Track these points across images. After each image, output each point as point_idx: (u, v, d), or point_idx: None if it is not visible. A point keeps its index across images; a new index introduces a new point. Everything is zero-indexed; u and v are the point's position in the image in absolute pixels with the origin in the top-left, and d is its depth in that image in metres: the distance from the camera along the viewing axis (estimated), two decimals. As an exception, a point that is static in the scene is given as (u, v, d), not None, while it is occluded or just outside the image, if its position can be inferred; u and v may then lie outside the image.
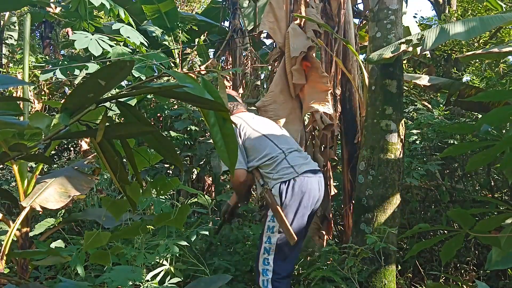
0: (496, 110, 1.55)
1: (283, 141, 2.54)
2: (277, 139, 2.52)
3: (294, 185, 2.34)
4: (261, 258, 2.33)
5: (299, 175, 2.36)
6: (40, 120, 2.23)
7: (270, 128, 2.61)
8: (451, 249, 1.86)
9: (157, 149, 1.27)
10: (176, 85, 1.00)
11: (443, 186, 3.82)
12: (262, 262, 2.32)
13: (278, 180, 2.36)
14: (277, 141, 2.50)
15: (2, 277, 1.90)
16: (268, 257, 2.32)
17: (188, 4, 12.73)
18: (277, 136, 2.55)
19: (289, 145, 2.53)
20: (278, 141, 2.50)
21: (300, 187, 2.34)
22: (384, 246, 2.68)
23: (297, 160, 2.44)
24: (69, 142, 6.06)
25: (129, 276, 1.87)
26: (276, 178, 2.37)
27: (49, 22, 8.47)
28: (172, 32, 6.04)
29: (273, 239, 2.33)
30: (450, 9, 6.55)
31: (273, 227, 2.33)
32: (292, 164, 2.40)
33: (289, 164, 2.39)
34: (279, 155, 2.42)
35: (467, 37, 2.72)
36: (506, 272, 3.19)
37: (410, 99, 5.27)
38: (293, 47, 3.49)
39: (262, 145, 2.46)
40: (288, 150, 2.47)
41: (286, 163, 2.40)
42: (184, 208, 2.02)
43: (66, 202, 2.31)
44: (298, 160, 2.45)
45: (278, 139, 2.52)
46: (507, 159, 1.76)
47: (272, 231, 2.33)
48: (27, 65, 2.61)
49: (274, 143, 2.48)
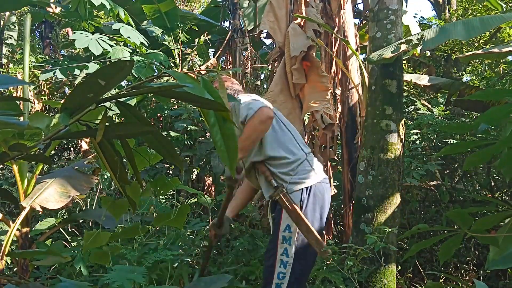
0: (493, 108, 1.55)
1: (301, 139, 2.23)
2: (296, 135, 2.20)
3: (316, 193, 2.05)
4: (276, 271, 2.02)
5: (320, 182, 2.08)
6: (40, 120, 2.23)
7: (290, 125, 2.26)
8: (449, 249, 1.86)
9: (157, 149, 1.27)
10: (176, 85, 1.00)
11: (443, 186, 3.82)
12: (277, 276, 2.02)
13: (297, 186, 2.03)
14: (297, 138, 2.19)
15: (2, 277, 1.90)
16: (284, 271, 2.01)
17: (188, 4, 12.73)
18: (296, 133, 2.23)
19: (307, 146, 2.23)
20: (298, 139, 2.19)
21: (322, 196, 2.08)
22: (384, 246, 2.68)
23: (316, 164, 2.15)
24: (69, 142, 6.06)
25: (129, 276, 1.87)
26: (294, 182, 2.03)
27: (49, 22, 8.47)
28: (172, 32, 6.04)
29: (290, 251, 2.01)
30: (450, 9, 6.55)
31: (290, 238, 2.01)
32: (314, 167, 2.10)
33: (310, 166, 2.09)
34: (301, 156, 2.09)
35: (467, 37, 2.72)
36: (506, 272, 3.19)
37: (410, 99, 5.27)
38: (293, 46, 3.49)
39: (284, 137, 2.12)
40: (308, 150, 2.18)
41: (307, 165, 2.08)
42: (184, 208, 2.02)
43: (66, 202, 2.31)
44: (317, 163, 2.15)
45: (297, 136, 2.20)
46: (505, 159, 1.76)
47: (290, 242, 2.01)
48: (27, 65, 2.62)
49: (295, 138, 2.16)
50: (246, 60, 6.03)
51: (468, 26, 2.74)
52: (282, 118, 2.23)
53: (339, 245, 3.34)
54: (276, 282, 2.00)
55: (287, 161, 2.04)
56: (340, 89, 3.91)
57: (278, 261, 2.02)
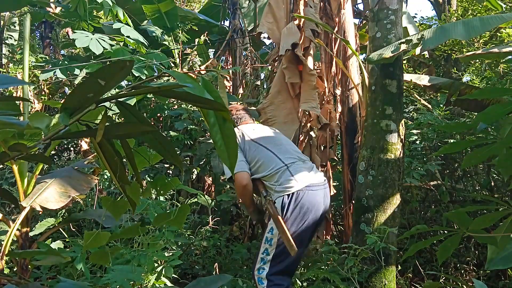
0: (491, 107, 1.56)
1: (285, 152, 2.48)
2: (279, 150, 2.47)
3: (297, 198, 2.28)
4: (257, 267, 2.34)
5: (302, 189, 2.30)
6: (40, 120, 2.22)
7: (271, 139, 2.57)
8: (448, 249, 1.87)
9: (157, 149, 1.27)
10: (176, 85, 1.00)
11: (443, 186, 3.82)
12: (258, 271, 2.33)
13: (281, 193, 2.31)
14: (279, 152, 2.45)
15: (2, 277, 1.90)
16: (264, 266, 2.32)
17: (188, 4, 12.73)
18: (279, 147, 2.50)
19: (291, 155, 2.47)
20: (280, 152, 2.45)
21: (304, 201, 2.29)
22: (384, 246, 2.68)
23: (301, 172, 2.38)
24: (69, 142, 6.06)
25: (129, 276, 1.87)
26: (279, 190, 2.32)
27: (49, 22, 8.47)
28: (172, 32, 6.04)
29: (270, 250, 2.32)
30: (450, 9, 6.55)
31: (271, 239, 2.31)
32: (295, 176, 2.34)
33: (292, 176, 2.34)
34: (281, 167, 2.37)
35: (467, 37, 2.72)
36: (506, 272, 3.19)
37: (410, 99, 5.27)
38: (282, 46, 3.47)
39: (263, 157, 2.42)
40: (291, 161, 2.41)
41: (289, 175, 2.34)
42: (184, 208, 2.02)
43: (66, 202, 2.31)
44: (302, 171, 2.39)
45: (280, 150, 2.47)
46: (503, 158, 1.76)
47: (270, 243, 2.32)
48: (27, 65, 2.62)
49: (275, 154, 2.43)
50: (246, 60, 6.03)
51: (468, 26, 2.74)
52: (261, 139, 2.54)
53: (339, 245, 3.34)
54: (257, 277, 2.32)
55: (270, 175, 2.38)
56: (340, 89, 3.90)
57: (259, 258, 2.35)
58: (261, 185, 2.43)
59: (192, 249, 3.56)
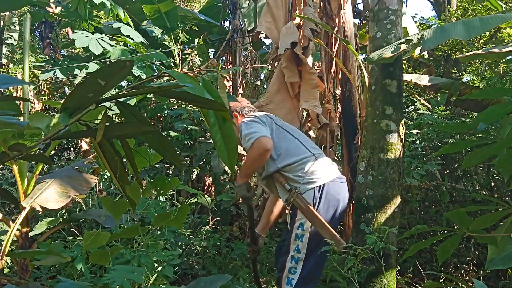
0: (491, 107, 1.56)
1: (308, 141, 2.33)
2: (304, 139, 2.32)
3: (328, 191, 2.14)
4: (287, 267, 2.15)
5: (333, 180, 2.17)
6: (40, 120, 2.23)
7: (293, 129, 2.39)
8: (448, 249, 1.87)
9: (157, 149, 1.27)
10: (176, 85, 1.00)
11: (443, 186, 3.82)
12: (288, 271, 2.15)
13: (309, 185, 2.14)
14: (304, 141, 2.30)
15: (2, 277, 1.90)
16: (295, 266, 2.15)
17: (188, 4, 12.73)
18: (303, 137, 2.35)
19: (314, 146, 2.33)
20: (305, 141, 2.30)
21: (334, 193, 2.16)
22: (384, 246, 2.68)
23: (327, 163, 2.25)
24: (69, 142, 6.06)
25: (130, 276, 1.87)
26: (306, 182, 2.14)
27: (49, 22, 8.47)
28: (172, 32, 6.04)
29: (302, 247, 2.15)
30: (450, 9, 6.55)
31: (302, 235, 2.14)
32: (324, 167, 2.20)
33: (320, 167, 2.19)
34: (309, 157, 2.20)
35: (467, 37, 2.71)
36: (506, 272, 3.19)
37: (410, 99, 5.27)
38: (281, 45, 3.47)
39: (290, 144, 2.23)
40: (318, 151, 2.28)
41: (317, 166, 2.18)
42: (184, 208, 2.02)
43: (66, 202, 2.31)
44: (328, 162, 2.25)
45: (304, 139, 2.32)
46: (503, 158, 1.76)
47: (302, 239, 2.14)
48: (27, 65, 2.62)
49: (302, 143, 2.27)
50: (246, 60, 6.03)
51: (468, 26, 2.74)
52: (285, 125, 2.36)
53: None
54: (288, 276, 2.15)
55: (297, 164, 2.17)
56: (340, 89, 3.90)
57: (290, 257, 2.15)
58: (282, 178, 2.20)
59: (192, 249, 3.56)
